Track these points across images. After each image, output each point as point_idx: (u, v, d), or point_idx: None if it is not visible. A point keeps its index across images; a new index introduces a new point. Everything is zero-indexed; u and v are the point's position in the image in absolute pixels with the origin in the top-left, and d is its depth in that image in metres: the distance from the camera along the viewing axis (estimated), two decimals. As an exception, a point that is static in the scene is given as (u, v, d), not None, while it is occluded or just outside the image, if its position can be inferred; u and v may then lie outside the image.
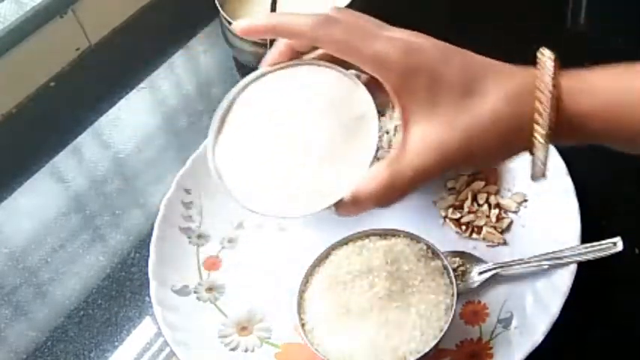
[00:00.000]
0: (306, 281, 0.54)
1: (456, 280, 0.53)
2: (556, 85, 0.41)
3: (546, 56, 0.43)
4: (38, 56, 0.81)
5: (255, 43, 0.75)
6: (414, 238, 0.55)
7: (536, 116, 0.40)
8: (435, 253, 0.54)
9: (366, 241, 0.55)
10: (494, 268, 0.58)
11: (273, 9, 0.68)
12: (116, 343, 0.61)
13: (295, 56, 0.46)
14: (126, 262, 0.66)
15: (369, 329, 0.50)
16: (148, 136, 0.77)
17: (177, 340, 0.58)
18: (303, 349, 0.56)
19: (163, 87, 0.82)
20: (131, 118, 0.79)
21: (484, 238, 0.61)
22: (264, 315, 0.60)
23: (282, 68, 0.46)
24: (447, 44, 0.44)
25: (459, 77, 0.42)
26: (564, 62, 0.81)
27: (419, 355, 0.49)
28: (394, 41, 0.42)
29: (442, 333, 0.50)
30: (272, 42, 0.68)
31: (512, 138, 0.41)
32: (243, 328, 0.59)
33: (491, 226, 0.61)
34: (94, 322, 0.63)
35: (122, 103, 0.80)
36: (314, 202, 0.43)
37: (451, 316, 0.50)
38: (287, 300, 0.58)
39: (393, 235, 0.55)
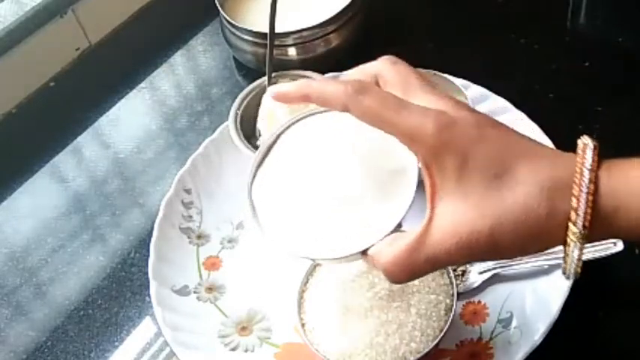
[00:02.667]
0: (306, 281, 0.55)
1: (456, 280, 0.53)
2: (595, 181, 0.38)
3: (588, 147, 0.40)
4: (38, 56, 0.81)
5: (255, 44, 0.75)
6: None
7: (572, 214, 0.38)
8: None
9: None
10: (494, 268, 0.58)
11: (274, 9, 0.68)
12: (116, 343, 0.61)
13: None
14: (126, 262, 0.66)
15: (370, 329, 0.50)
16: (148, 136, 0.77)
17: (177, 340, 0.57)
18: (303, 349, 0.56)
19: (163, 87, 0.82)
20: (131, 118, 0.79)
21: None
22: (264, 315, 0.60)
23: (329, 110, 0.46)
24: (484, 117, 0.41)
25: (492, 159, 0.39)
26: (565, 62, 0.81)
27: (419, 355, 0.49)
28: (427, 114, 0.40)
29: (442, 333, 0.50)
30: (272, 45, 0.69)
31: (544, 232, 0.39)
32: (243, 328, 0.59)
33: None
34: (94, 322, 0.62)
35: (122, 103, 0.81)
36: (340, 248, 0.43)
37: (451, 316, 0.50)
38: (287, 300, 0.58)
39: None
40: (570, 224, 0.38)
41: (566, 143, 0.65)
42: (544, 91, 0.73)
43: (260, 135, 0.67)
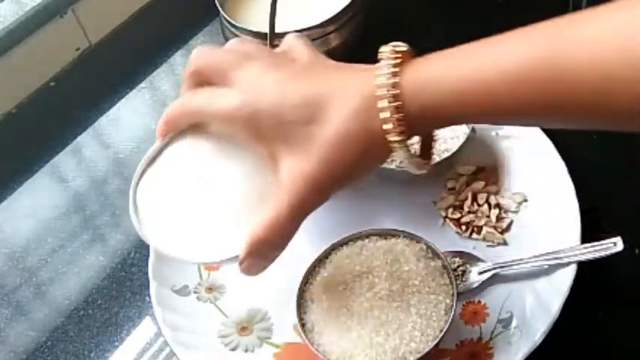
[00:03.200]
0: (306, 281, 0.55)
1: (456, 280, 0.53)
2: (396, 87, 0.41)
3: (385, 54, 0.44)
4: (38, 56, 0.81)
5: (255, 43, 0.75)
6: (413, 238, 0.55)
7: (385, 126, 0.41)
8: (434, 253, 0.54)
9: (366, 241, 0.55)
10: (494, 268, 0.58)
11: (274, 9, 0.68)
12: (116, 343, 0.61)
13: None
14: (126, 262, 0.66)
15: (369, 329, 0.50)
16: (148, 136, 0.77)
17: (177, 340, 0.57)
18: (303, 349, 0.56)
19: (163, 87, 0.82)
20: (131, 118, 0.79)
21: (484, 238, 0.61)
22: (264, 315, 0.60)
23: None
24: (282, 63, 0.45)
25: (300, 110, 0.43)
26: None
27: (419, 355, 0.49)
28: (232, 92, 0.44)
29: (442, 333, 0.50)
30: (272, 45, 0.69)
31: (371, 150, 0.42)
32: (243, 328, 0.59)
33: (492, 226, 0.61)
34: (94, 322, 0.63)
35: (122, 103, 0.81)
36: (215, 252, 0.47)
37: (451, 316, 0.50)
38: (287, 300, 0.58)
39: (393, 236, 0.55)
40: (387, 135, 0.41)
41: (566, 143, 0.65)
42: (544, 91, 0.73)
43: (260, 135, 0.67)
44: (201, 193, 0.48)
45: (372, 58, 0.46)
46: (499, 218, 0.62)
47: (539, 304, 0.55)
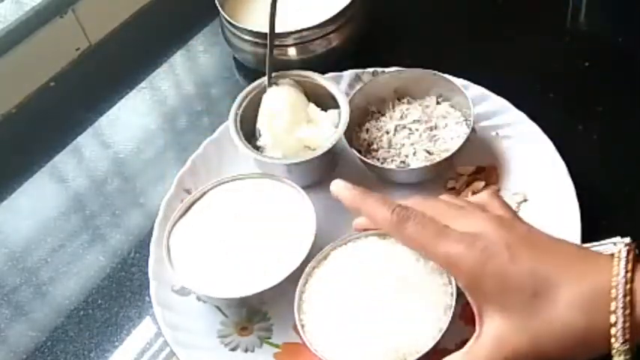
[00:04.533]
0: (305, 282, 0.55)
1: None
2: (631, 295, 0.39)
3: (622, 256, 0.41)
4: (38, 56, 0.81)
5: (255, 44, 0.75)
6: None
7: (612, 329, 0.39)
8: None
9: (366, 241, 0.55)
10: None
11: (274, 9, 0.68)
12: (116, 343, 0.61)
13: None
14: (126, 262, 0.66)
15: (368, 330, 0.50)
16: (148, 136, 0.77)
17: (177, 340, 0.58)
18: (303, 349, 0.56)
19: (163, 87, 0.82)
20: (131, 118, 0.79)
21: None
22: (264, 315, 0.60)
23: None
24: (515, 235, 0.44)
25: (528, 279, 0.42)
26: (564, 62, 0.81)
27: (418, 355, 0.49)
28: (465, 241, 0.44)
29: (441, 333, 0.49)
30: (272, 45, 0.69)
31: (587, 344, 0.41)
32: (243, 328, 0.59)
33: (491, 226, 0.61)
34: (94, 322, 0.62)
35: (122, 103, 0.81)
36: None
37: (450, 315, 0.50)
38: (287, 300, 0.58)
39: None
40: (612, 339, 0.39)
41: (566, 143, 0.65)
42: (544, 91, 0.73)
43: (260, 135, 0.67)
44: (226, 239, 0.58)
45: (372, 58, 0.46)
46: (499, 218, 0.62)
47: (539, 304, 0.55)
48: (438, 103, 0.69)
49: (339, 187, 0.52)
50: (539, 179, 0.63)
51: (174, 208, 0.64)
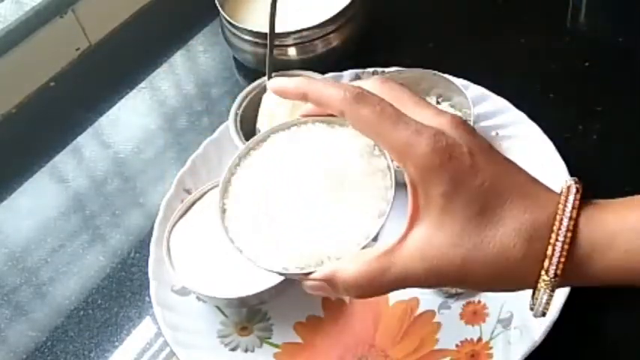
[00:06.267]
0: (237, 163, 0.46)
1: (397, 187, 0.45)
2: (573, 229, 0.38)
3: (571, 191, 0.39)
4: (38, 56, 0.81)
5: (255, 44, 0.75)
6: None
7: (545, 262, 0.38)
8: (381, 152, 0.45)
9: (311, 127, 0.46)
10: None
11: (274, 9, 0.68)
12: (116, 343, 0.61)
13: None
14: (126, 262, 0.66)
15: (287, 225, 0.43)
16: (148, 136, 0.77)
17: (177, 340, 0.58)
18: (303, 349, 0.56)
19: (163, 87, 0.82)
20: (131, 118, 0.79)
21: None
22: (264, 315, 0.60)
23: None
24: (479, 142, 0.40)
25: (479, 195, 0.39)
26: (565, 62, 0.81)
27: (337, 262, 0.42)
28: (423, 131, 0.39)
29: (367, 240, 0.42)
30: (272, 45, 0.69)
31: (516, 274, 0.39)
32: (243, 328, 0.59)
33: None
34: (94, 322, 0.63)
35: (122, 103, 0.81)
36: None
37: (382, 223, 0.42)
38: (287, 300, 0.58)
39: (341, 125, 0.46)
40: (542, 271, 0.38)
41: (566, 143, 0.65)
42: (544, 91, 0.73)
43: (260, 135, 0.67)
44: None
45: (372, 58, 0.46)
46: (499, 218, 0.62)
47: (539, 304, 0.55)
48: (438, 103, 0.69)
49: (277, 80, 0.45)
50: (539, 179, 0.63)
51: (174, 208, 0.64)
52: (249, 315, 0.60)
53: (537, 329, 0.54)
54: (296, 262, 0.42)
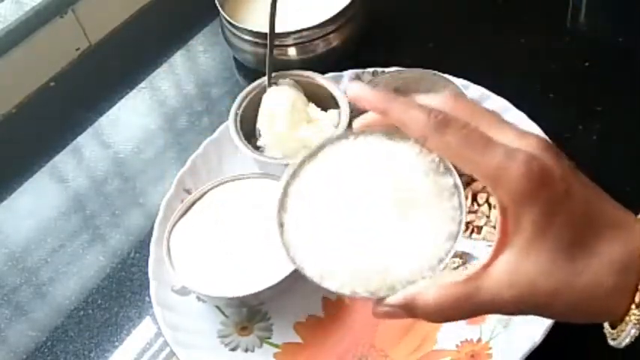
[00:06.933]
0: (293, 174, 0.44)
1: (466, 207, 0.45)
2: None
3: None
4: (38, 56, 0.81)
5: (255, 44, 0.75)
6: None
7: (637, 296, 0.37)
8: (447, 169, 0.43)
9: (370, 137, 0.44)
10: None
11: (274, 9, 0.68)
12: (116, 343, 0.61)
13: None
14: (126, 262, 0.66)
15: (355, 245, 0.41)
16: (148, 136, 0.77)
17: (177, 340, 0.58)
18: (303, 349, 0.56)
19: (163, 87, 0.82)
20: (131, 118, 0.79)
21: (484, 238, 0.61)
22: (264, 315, 0.60)
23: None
24: (569, 166, 0.39)
25: (572, 226, 0.38)
26: (565, 62, 0.81)
27: (410, 287, 0.41)
28: (514, 156, 0.37)
29: (441, 265, 0.41)
30: (272, 45, 0.69)
31: (603, 307, 0.38)
32: (243, 328, 0.59)
33: (492, 226, 0.61)
34: (94, 322, 0.63)
35: (122, 103, 0.81)
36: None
37: (454, 245, 0.41)
38: (287, 300, 0.58)
39: (402, 138, 0.43)
40: (633, 305, 0.37)
41: (566, 143, 0.65)
42: (544, 91, 0.73)
43: (260, 135, 0.67)
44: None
45: (372, 58, 0.45)
46: (499, 218, 0.62)
47: (539, 304, 0.55)
48: (438, 103, 0.69)
49: (357, 86, 0.42)
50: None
51: (174, 208, 0.64)
52: (249, 315, 0.60)
53: (537, 329, 0.53)
54: (366, 286, 0.40)
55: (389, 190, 0.42)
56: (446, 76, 0.68)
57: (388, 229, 0.41)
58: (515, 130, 0.40)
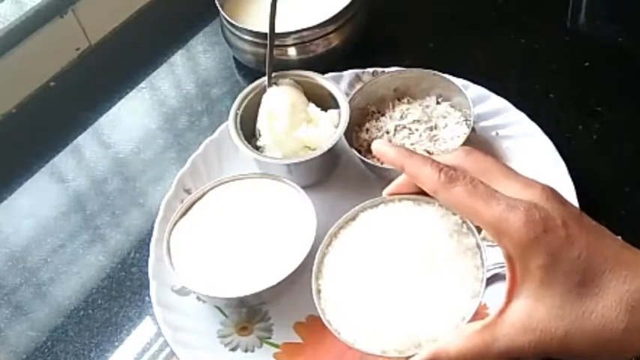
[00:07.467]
0: (328, 243, 0.49)
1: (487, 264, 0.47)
2: None
3: None
4: (38, 56, 0.81)
5: (255, 44, 0.75)
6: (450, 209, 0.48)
7: None
8: (469, 229, 0.47)
9: (399, 205, 0.48)
10: (495, 268, 0.58)
11: (274, 9, 0.68)
12: (116, 343, 0.61)
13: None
14: (126, 262, 0.66)
15: (385, 307, 0.45)
16: (148, 136, 0.77)
17: (177, 340, 0.58)
18: (303, 349, 0.56)
19: (163, 87, 0.82)
20: (131, 118, 0.79)
21: (484, 238, 0.61)
22: (264, 315, 0.60)
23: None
24: (571, 212, 0.41)
25: (578, 267, 0.39)
26: (565, 62, 0.81)
27: (436, 342, 0.44)
28: (516, 207, 0.40)
29: (464, 322, 0.44)
30: (272, 45, 0.69)
31: (619, 344, 0.39)
32: (243, 328, 0.59)
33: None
34: (94, 322, 0.63)
35: (122, 103, 0.81)
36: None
37: (476, 304, 0.44)
38: (287, 300, 0.58)
39: (428, 203, 0.47)
40: None
41: (566, 143, 0.65)
42: (544, 91, 0.74)
43: (260, 135, 0.67)
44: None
45: (372, 58, 0.46)
46: (499, 218, 0.62)
47: (539, 304, 0.55)
48: (438, 103, 0.69)
49: (381, 143, 0.47)
50: (539, 179, 0.63)
51: (174, 208, 0.64)
52: (249, 315, 0.60)
53: None
54: (394, 345, 0.43)
55: (417, 253, 0.45)
56: (446, 76, 0.68)
57: (415, 289, 0.45)
58: (521, 180, 0.43)
